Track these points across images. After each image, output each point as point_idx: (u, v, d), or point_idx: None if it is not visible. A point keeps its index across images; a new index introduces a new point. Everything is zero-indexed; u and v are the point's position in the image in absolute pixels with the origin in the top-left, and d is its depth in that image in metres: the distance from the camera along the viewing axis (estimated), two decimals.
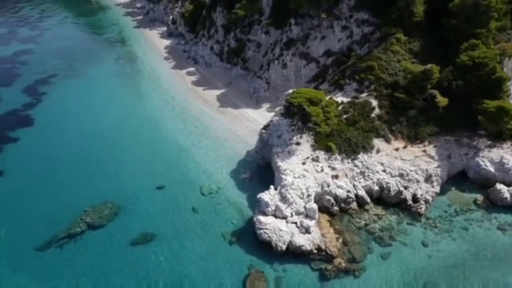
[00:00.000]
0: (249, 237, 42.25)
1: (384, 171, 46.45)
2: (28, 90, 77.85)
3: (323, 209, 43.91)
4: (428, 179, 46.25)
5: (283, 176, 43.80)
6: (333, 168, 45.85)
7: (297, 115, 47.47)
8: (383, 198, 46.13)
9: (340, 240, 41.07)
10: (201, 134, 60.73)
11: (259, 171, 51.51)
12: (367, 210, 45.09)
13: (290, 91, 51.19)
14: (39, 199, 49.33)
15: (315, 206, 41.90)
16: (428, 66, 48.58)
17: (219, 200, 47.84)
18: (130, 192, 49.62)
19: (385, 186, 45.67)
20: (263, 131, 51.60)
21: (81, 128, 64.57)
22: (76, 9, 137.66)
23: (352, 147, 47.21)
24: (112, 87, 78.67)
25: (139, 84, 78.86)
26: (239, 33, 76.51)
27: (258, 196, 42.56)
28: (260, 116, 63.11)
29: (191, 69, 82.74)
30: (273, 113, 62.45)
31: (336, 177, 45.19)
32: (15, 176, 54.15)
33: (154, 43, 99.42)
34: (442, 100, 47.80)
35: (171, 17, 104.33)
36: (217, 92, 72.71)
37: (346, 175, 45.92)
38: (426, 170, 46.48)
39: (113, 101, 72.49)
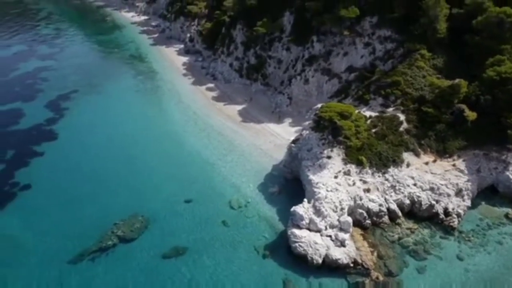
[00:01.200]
0: (282, 251, 42.21)
1: (414, 185, 46.51)
2: (50, 106, 78.54)
3: (355, 222, 43.77)
4: (458, 193, 46.26)
5: (315, 190, 43.87)
6: (365, 182, 45.95)
7: (327, 129, 47.81)
8: (414, 212, 46.10)
9: (375, 254, 40.94)
10: (225, 148, 61.02)
11: (287, 185, 51.63)
12: (399, 224, 45.04)
13: (319, 105, 51.67)
14: (67, 212, 49.46)
15: (349, 219, 41.89)
16: (456, 80, 49.11)
17: (249, 214, 47.87)
18: (159, 205, 49.77)
19: (416, 200, 45.68)
20: (292, 145, 51.86)
21: (105, 142, 64.87)
22: (92, 27, 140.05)
23: (382, 161, 47.40)
24: (133, 103, 79.47)
25: (160, 99, 79.61)
26: (259, 50, 77.54)
27: (292, 209, 42.59)
28: (284, 131, 63.57)
29: (211, 85, 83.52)
30: (296, 128, 63.11)
31: (367, 190, 45.26)
32: (42, 189, 54.43)
33: (171, 60, 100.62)
34: (471, 114, 48.11)
35: (188, 35, 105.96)
36: (238, 107, 73.27)
37: (378, 189, 45.97)
38: (457, 184, 46.54)
39: (135, 117, 72.99)
